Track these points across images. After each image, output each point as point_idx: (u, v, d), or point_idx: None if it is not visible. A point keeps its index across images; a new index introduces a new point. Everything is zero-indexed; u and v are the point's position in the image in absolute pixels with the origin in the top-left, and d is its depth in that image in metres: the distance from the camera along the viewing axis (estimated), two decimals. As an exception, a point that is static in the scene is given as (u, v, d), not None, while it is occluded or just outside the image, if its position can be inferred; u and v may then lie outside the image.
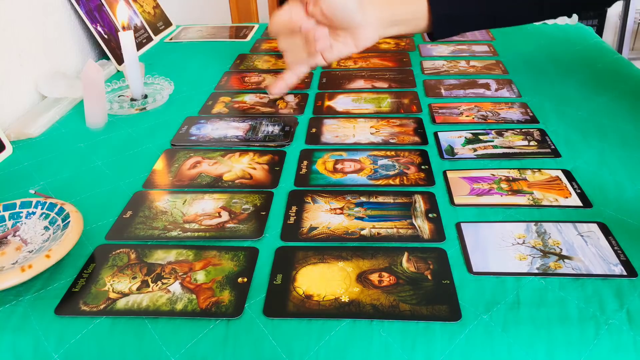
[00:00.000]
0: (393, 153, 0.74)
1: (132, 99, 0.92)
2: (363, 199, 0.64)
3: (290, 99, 0.92)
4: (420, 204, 0.62)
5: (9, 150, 0.78)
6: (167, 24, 1.34)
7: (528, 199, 0.63)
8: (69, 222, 0.56)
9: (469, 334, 0.46)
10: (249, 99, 0.92)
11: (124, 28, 0.89)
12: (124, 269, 0.54)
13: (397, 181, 0.67)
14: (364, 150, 0.75)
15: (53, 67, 0.99)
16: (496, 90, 0.92)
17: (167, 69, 1.07)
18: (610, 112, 0.83)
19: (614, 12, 3.41)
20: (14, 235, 0.58)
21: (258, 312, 0.48)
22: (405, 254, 0.54)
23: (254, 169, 0.71)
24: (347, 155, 0.73)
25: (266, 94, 0.94)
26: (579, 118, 0.81)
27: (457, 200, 0.63)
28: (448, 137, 0.77)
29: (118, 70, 1.08)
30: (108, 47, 1.08)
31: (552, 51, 1.09)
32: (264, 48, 1.18)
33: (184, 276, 0.52)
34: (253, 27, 1.34)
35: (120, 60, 1.09)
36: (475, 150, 0.73)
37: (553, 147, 0.74)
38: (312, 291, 0.50)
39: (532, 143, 0.75)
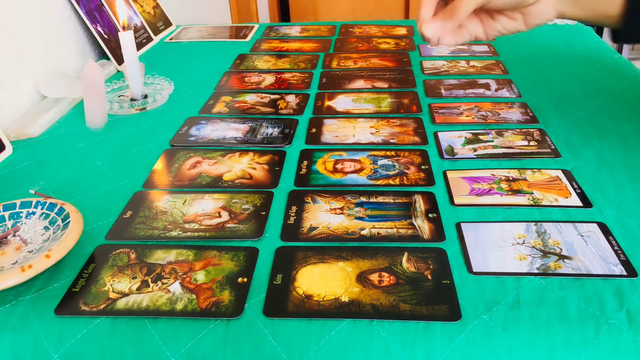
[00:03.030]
0: (393, 153, 0.74)
1: (132, 99, 0.92)
2: (363, 199, 0.64)
3: (291, 99, 0.92)
4: (420, 204, 0.62)
5: (9, 150, 0.78)
6: (167, 24, 1.34)
7: (528, 199, 0.63)
8: (69, 222, 0.56)
9: (469, 334, 0.46)
10: (250, 98, 0.92)
11: (124, 28, 0.89)
12: (124, 269, 0.54)
13: (397, 181, 0.67)
14: (364, 150, 0.75)
15: (53, 67, 0.99)
16: (496, 90, 0.92)
17: (167, 69, 1.07)
18: (610, 112, 0.83)
19: (614, 12, 3.40)
20: (14, 235, 0.58)
21: (258, 312, 0.48)
22: (405, 254, 0.54)
23: (254, 169, 0.71)
24: (347, 155, 0.73)
25: (267, 93, 0.94)
26: (579, 118, 0.81)
27: (457, 200, 0.63)
28: (448, 137, 0.77)
29: (118, 70, 1.08)
30: (108, 47, 1.08)
31: (552, 51, 1.09)
32: (264, 48, 1.18)
33: (184, 276, 0.52)
34: (253, 27, 1.34)
35: (120, 60, 1.09)
36: (475, 150, 0.73)
37: (553, 147, 0.74)
38: (312, 291, 0.50)
39: (532, 143, 0.75)
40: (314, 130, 0.81)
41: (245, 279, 0.52)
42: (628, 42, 0.65)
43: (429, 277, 0.51)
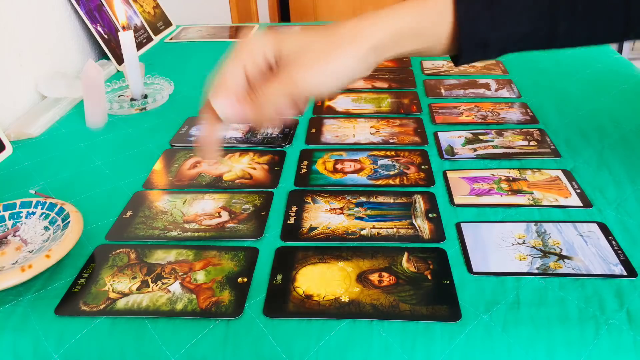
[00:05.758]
0: (393, 153, 0.74)
1: (132, 99, 0.91)
2: (363, 199, 0.64)
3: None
4: (420, 204, 0.62)
5: (9, 150, 0.78)
6: (167, 24, 1.34)
7: (528, 199, 0.62)
8: (69, 222, 0.56)
9: (469, 334, 0.46)
10: (249, 99, 0.92)
11: (124, 28, 0.89)
12: (124, 269, 0.54)
13: (397, 181, 0.67)
14: (364, 150, 0.75)
15: (53, 67, 0.99)
16: (496, 90, 0.92)
17: (167, 69, 1.07)
18: (610, 112, 0.83)
19: (614, 12, 3.39)
20: (14, 235, 0.58)
21: (258, 312, 0.48)
22: (405, 254, 0.54)
23: (254, 169, 0.71)
24: (347, 155, 0.73)
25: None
26: (579, 118, 0.81)
27: (457, 200, 0.63)
28: (448, 137, 0.77)
29: (118, 70, 1.08)
30: (108, 47, 1.08)
31: (552, 51, 1.09)
32: (264, 48, 1.18)
33: (184, 276, 0.52)
34: (253, 27, 1.34)
35: (120, 60, 1.09)
36: (475, 150, 0.73)
37: (553, 147, 0.74)
38: (312, 291, 0.50)
39: (532, 143, 0.75)
40: (313, 130, 0.81)
41: (245, 279, 0.52)
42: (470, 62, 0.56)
43: (429, 277, 0.51)
